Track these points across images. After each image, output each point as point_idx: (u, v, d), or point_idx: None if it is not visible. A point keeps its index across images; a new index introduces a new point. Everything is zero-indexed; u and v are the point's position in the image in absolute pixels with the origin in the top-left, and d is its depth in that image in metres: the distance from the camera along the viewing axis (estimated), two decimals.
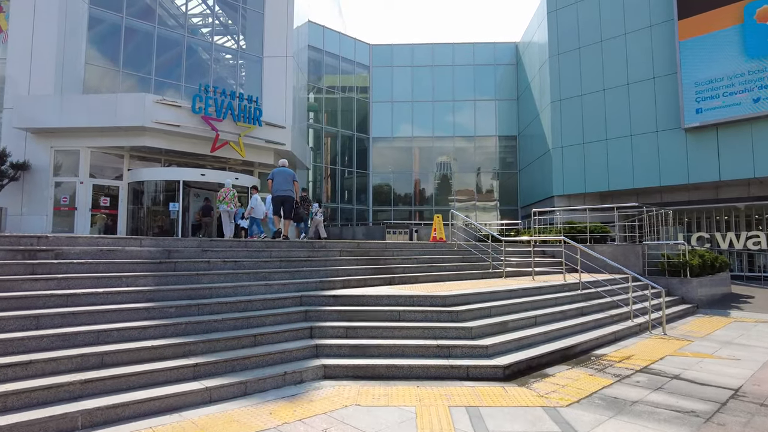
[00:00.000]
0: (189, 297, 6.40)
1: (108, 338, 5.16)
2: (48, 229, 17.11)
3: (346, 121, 30.42)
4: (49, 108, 16.64)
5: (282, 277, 7.72)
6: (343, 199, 30.29)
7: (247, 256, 8.14)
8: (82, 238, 6.80)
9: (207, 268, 7.30)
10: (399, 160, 31.35)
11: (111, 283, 6.12)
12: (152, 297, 6.11)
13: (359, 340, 6.29)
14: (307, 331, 6.40)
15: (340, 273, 8.49)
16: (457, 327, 6.59)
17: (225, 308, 6.35)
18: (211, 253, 7.78)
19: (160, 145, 17.57)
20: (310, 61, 28.10)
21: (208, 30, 22.65)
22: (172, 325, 5.59)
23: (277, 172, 10.53)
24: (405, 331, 6.53)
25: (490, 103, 31.33)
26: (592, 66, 23.79)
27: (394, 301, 7.20)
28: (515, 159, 31.32)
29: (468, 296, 7.63)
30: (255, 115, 18.87)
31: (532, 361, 6.39)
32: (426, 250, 11.24)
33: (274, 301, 6.83)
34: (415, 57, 31.36)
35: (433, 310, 6.92)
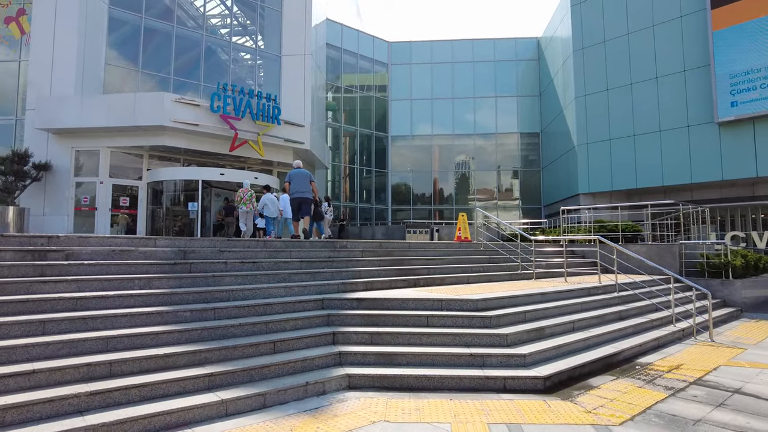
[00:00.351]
0: (205, 300, 6.02)
1: (118, 345, 4.79)
2: (69, 229, 17.06)
3: (364, 119, 30.00)
4: (70, 108, 16.57)
5: (302, 279, 7.30)
6: (362, 199, 29.88)
7: (266, 257, 7.74)
8: (94, 238, 6.48)
9: (224, 270, 6.92)
10: (418, 158, 30.80)
11: (123, 285, 5.77)
12: (166, 300, 5.74)
13: (385, 347, 5.83)
14: (329, 336, 5.96)
15: (362, 274, 8.04)
16: (491, 334, 6.07)
17: (242, 312, 5.95)
18: (228, 254, 7.41)
19: (180, 144, 17.38)
20: (329, 59, 27.77)
21: (226, 30, 22.47)
22: (186, 331, 5.20)
23: (295, 174, 10.30)
24: (434, 337, 6.04)
25: (511, 100, 30.58)
26: (618, 60, 22.92)
27: (421, 305, 6.71)
28: (538, 157, 30.51)
29: (500, 300, 7.10)
30: (273, 114, 18.56)
31: (573, 371, 5.84)
32: (451, 250, 10.72)
33: (294, 305, 6.41)
34: (435, 54, 30.77)
35: (464, 315, 6.42)
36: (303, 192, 10.02)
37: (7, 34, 19.09)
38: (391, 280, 8.01)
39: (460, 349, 5.85)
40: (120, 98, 16.80)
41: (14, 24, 19.09)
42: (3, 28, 19.12)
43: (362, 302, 6.74)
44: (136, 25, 19.59)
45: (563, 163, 26.36)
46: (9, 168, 16.21)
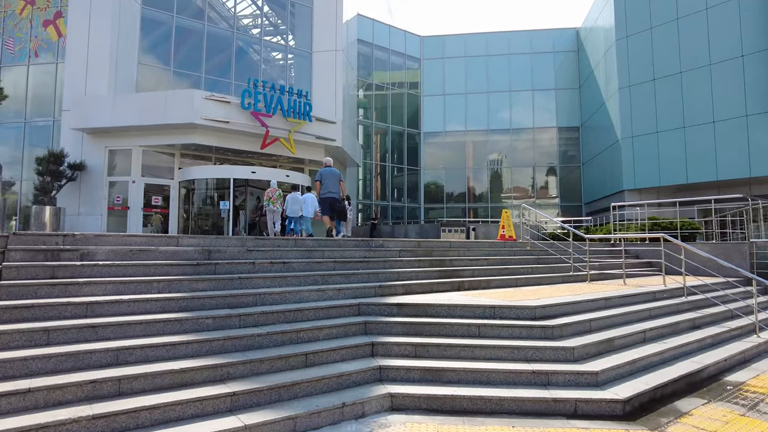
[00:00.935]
0: (229, 305, 5.37)
1: (129, 358, 4.18)
2: (103, 228, 16.96)
3: (396, 116, 29.23)
4: (103, 108, 16.45)
5: (336, 281, 6.59)
6: (394, 197, 29.12)
7: (296, 257, 7.07)
8: (112, 236, 5.95)
9: (251, 271, 6.28)
10: (451, 155, 29.80)
11: (139, 288, 5.18)
12: (186, 305, 5.12)
13: (432, 362, 5.04)
14: (367, 347, 5.21)
15: (401, 276, 7.26)
16: (554, 347, 5.20)
17: (271, 319, 5.28)
18: (256, 254, 6.77)
19: (210, 142, 17.04)
20: (360, 55, 27.15)
21: (257, 30, 22.10)
22: (206, 342, 4.55)
23: (326, 174, 10.05)
24: (488, 350, 5.21)
25: (548, 93, 29.22)
26: (666, 47, 21.38)
27: (470, 311, 5.89)
28: (578, 152, 29.04)
29: (561, 306, 6.20)
30: (305, 110, 18.01)
31: (655, 392, 4.91)
32: (495, 250, 9.83)
33: (327, 310, 5.70)
34: (468, 47, 29.71)
35: (522, 325, 5.56)
36: (333, 192, 9.85)
37: (45, 37, 19.22)
38: (432, 283, 7.21)
39: (520, 364, 5.01)
40: (151, 96, 16.58)
41: (51, 27, 19.20)
42: (41, 31, 19.26)
43: (403, 308, 5.97)
44: (168, 25, 19.42)
45: (606, 158, 24.90)
46: (45, 168, 16.22)
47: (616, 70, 23.00)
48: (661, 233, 9.21)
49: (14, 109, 19.27)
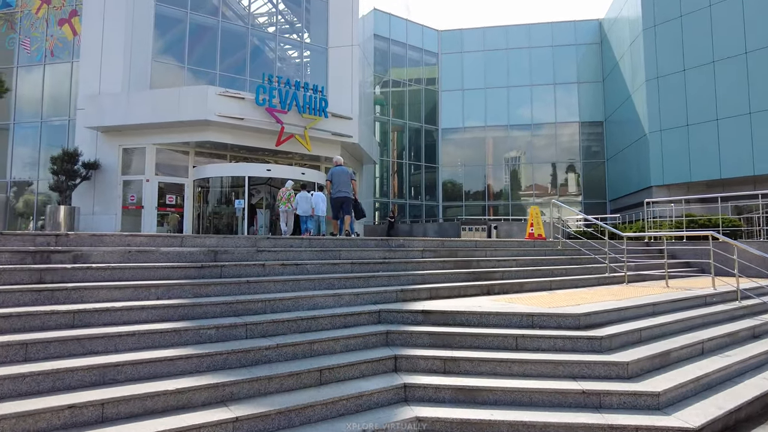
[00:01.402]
0: (235, 313, 4.79)
1: (117, 376, 3.61)
2: (117, 228, 16.65)
3: (413, 112, 28.51)
4: (116, 105, 16.13)
5: (354, 285, 5.97)
6: (411, 195, 28.42)
7: (311, 258, 6.47)
8: (110, 236, 5.42)
9: (261, 274, 5.69)
10: (470, 152, 28.97)
11: (136, 294, 4.62)
12: (187, 313, 4.55)
13: (464, 379, 4.38)
14: (389, 362, 4.58)
15: (425, 279, 6.61)
16: (604, 361, 4.49)
17: (281, 328, 4.68)
18: (267, 255, 6.19)
19: (225, 140, 16.61)
20: (376, 50, 26.51)
21: (272, 27, 21.62)
22: (208, 356, 3.97)
23: (336, 173, 9.78)
24: (528, 366, 4.52)
25: (571, 87, 28.19)
26: (697, 36, 20.27)
27: (506, 320, 5.21)
28: (601, 147, 27.95)
29: (606, 314, 5.48)
30: (320, 106, 17.46)
31: (728, 418, 4.18)
32: (525, 250, 9.09)
33: (344, 318, 5.08)
34: (488, 41, 28.82)
35: (565, 336, 4.86)
36: (344, 191, 9.55)
37: (60, 36, 19.03)
38: (459, 287, 6.54)
39: (566, 383, 4.32)
40: (164, 93, 16.21)
41: (67, 25, 19.00)
42: (57, 30, 19.07)
43: (429, 315, 5.31)
44: (182, 22, 19.04)
45: (632, 153, 23.83)
46: (60, 167, 15.96)
47: (643, 61, 21.94)
48: (709, 231, 8.38)
49: (31, 109, 19.14)
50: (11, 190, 19.21)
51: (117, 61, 17.15)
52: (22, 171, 19.02)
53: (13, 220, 19.10)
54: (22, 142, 19.27)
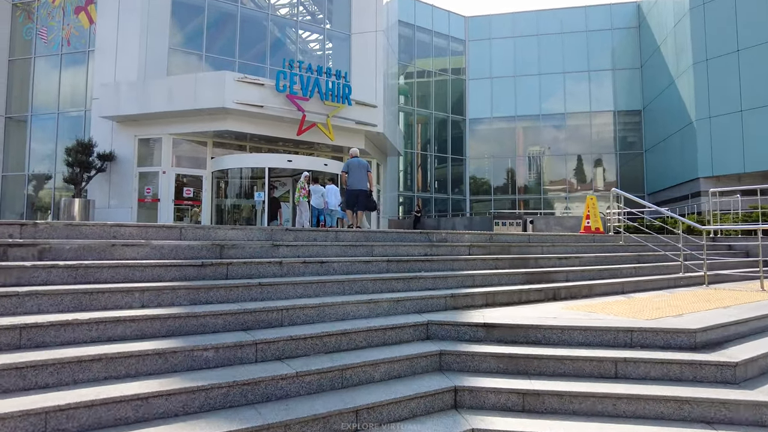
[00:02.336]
0: (243, 326, 3.62)
1: (68, 425, 2.47)
2: (132, 221, 15.83)
3: (439, 102, 27.09)
4: (131, 94, 15.25)
5: (392, 288, 4.74)
6: (437, 189, 27.04)
7: (338, 254, 5.27)
8: (90, 226, 4.32)
9: (277, 274, 4.52)
10: (499, 143, 27.39)
11: (112, 301, 3.49)
12: (179, 327, 3.40)
13: (554, 421, 3.12)
14: (447, 396, 3.35)
15: (478, 281, 5.34)
16: (748, 401, 3.16)
17: (302, 348, 3.49)
18: (285, 250, 5.01)
19: (244, 129, 15.58)
20: (401, 38, 25.19)
21: (292, 10, 20.50)
22: (201, 391, 2.80)
23: (353, 165, 9.53)
24: (639, 404, 3.23)
25: (606, 74, 26.35)
26: (754, 11, 18.34)
27: (594, 336, 3.91)
28: (639, 138, 26.07)
29: (724, 328, 4.12)
30: (344, 93, 16.27)
31: None
32: (584, 246, 7.72)
33: (384, 333, 3.87)
34: (517, 27, 27.16)
35: (682, 360, 3.54)
36: (360, 184, 9.32)
37: (77, 24, 18.25)
38: (519, 291, 5.25)
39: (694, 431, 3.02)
40: (180, 80, 15.24)
41: (83, 13, 18.20)
42: (73, 18, 18.30)
43: (493, 330, 4.05)
44: (200, 8, 18.09)
45: (675, 143, 22.00)
46: (74, 158, 15.17)
47: (689, 42, 20.09)
48: None
49: (48, 100, 18.46)
50: (31, 184, 18.58)
51: (133, 50, 16.28)
52: (41, 164, 18.37)
53: (32, 215, 18.47)
54: (39, 135, 18.62)
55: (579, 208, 26.32)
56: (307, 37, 21.22)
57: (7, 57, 18.69)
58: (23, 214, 18.27)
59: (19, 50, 18.76)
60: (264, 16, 19.53)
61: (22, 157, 18.39)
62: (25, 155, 18.38)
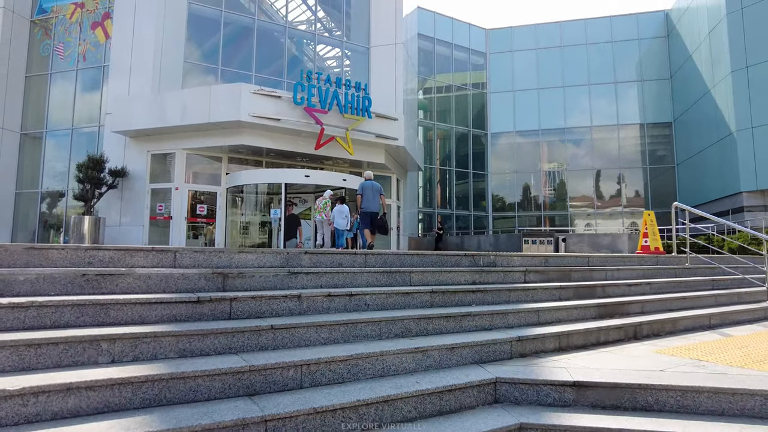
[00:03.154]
0: (249, 390, 2.60)
1: None
2: (144, 241, 15.05)
3: (460, 116, 26.14)
4: (144, 107, 14.64)
5: (441, 328, 3.68)
6: (458, 205, 25.93)
7: (370, 284, 4.25)
8: (58, 250, 3.37)
9: (295, 311, 3.51)
10: (522, 157, 26.23)
11: (69, 356, 2.51)
12: (158, 394, 2.40)
13: None
14: None
15: (542, 317, 4.25)
16: None
17: (330, 424, 2.46)
18: (304, 279, 4.00)
19: (260, 143, 14.81)
20: (420, 51, 24.47)
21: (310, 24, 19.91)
22: None
23: (367, 187, 9.91)
24: None
25: (633, 86, 25.17)
26: None
27: (731, 403, 2.78)
28: (670, 151, 24.70)
29: None
30: (363, 105, 15.45)
31: None
32: (649, 270, 6.54)
33: (439, 397, 2.82)
34: (540, 38, 26.23)
35: None
36: (374, 206, 9.77)
37: (93, 40, 17.87)
38: (594, 330, 4.14)
39: None
40: (194, 93, 14.59)
41: (99, 29, 17.84)
42: (90, 34, 17.94)
43: (586, 391, 2.95)
44: (216, 22, 17.59)
45: (712, 155, 20.64)
46: (85, 174, 14.53)
47: (727, 50, 18.90)
48: None
49: (63, 116, 18.02)
50: (44, 202, 18.04)
51: (147, 64, 15.76)
52: (54, 181, 17.84)
53: (44, 233, 17.88)
54: (54, 151, 18.15)
55: (605, 225, 24.97)
56: (325, 54, 20.59)
57: (24, 73, 18.37)
58: (35, 233, 17.70)
59: (36, 66, 18.44)
60: (281, 29, 18.98)
61: (37, 174, 17.90)
62: (38, 172, 17.89)
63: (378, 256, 4.67)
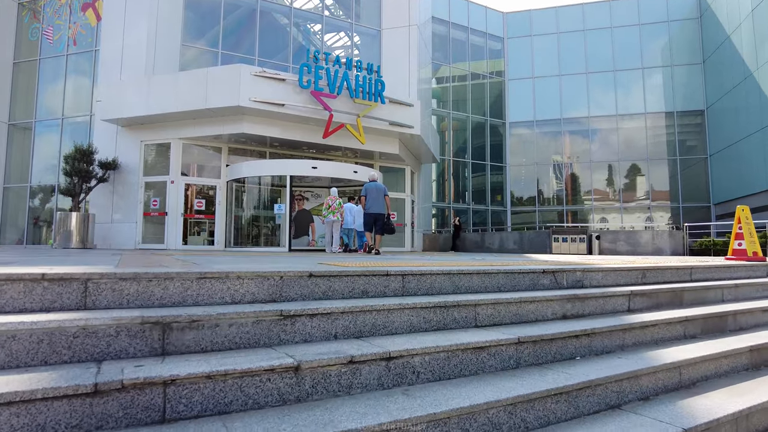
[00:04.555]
0: None
1: None
2: (138, 239, 13.57)
3: (477, 105, 24.33)
4: (135, 94, 13.09)
5: (547, 416, 2.08)
6: (475, 199, 24.18)
7: (412, 328, 2.62)
8: None
9: (290, 397, 1.89)
10: (543, 148, 24.39)
11: None
12: None
13: None
14: None
15: (684, 374, 2.63)
16: None
17: None
18: (306, 325, 2.36)
19: (262, 131, 13.23)
20: (435, 36, 22.70)
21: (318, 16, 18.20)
22: None
23: (371, 188, 9.74)
24: None
25: (662, 71, 23.20)
26: None
27: None
28: (702, 141, 22.77)
29: None
30: (376, 89, 13.80)
31: None
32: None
33: None
34: (561, 22, 24.30)
35: None
36: (378, 208, 9.54)
37: (84, 22, 16.33)
38: None
39: None
40: (189, 76, 12.99)
41: (91, 10, 16.28)
42: (80, 16, 16.39)
43: None
44: (216, 1, 16.00)
45: (752, 145, 18.75)
46: (72, 167, 13.03)
47: None
48: None
49: (53, 105, 16.54)
50: (34, 197, 16.61)
51: (140, 45, 14.21)
52: (44, 174, 16.39)
53: (38, 231, 16.49)
54: (44, 143, 16.69)
55: (630, 220, 23.14)
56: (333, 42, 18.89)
57: (11, 60, 16.89)
58: (24, 230, 16.30)
59: (25, 52, 16.94)
60: (286, 11, 17.33)
61: (26, 167, 16.46)
62: (28, 165, 16.46)
63: (420, 277, 3.05)
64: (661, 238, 13.63)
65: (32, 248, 13.55)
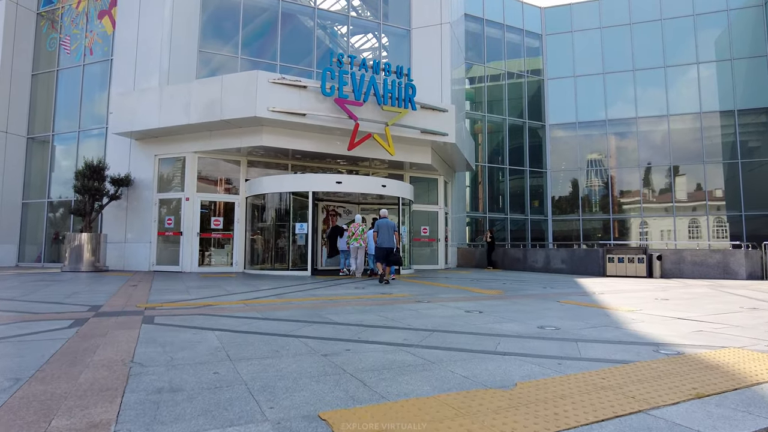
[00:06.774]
0: None
1: None
2: (152, 260, 12.57)
3: (513, 106, 22.56)
4: (148, 105, 12.11)
5: None
6: (511, 208, 22.41)
7: None
8: None
9: None
10: (586, 152, 22.37)
11: None
12: None
13: None
14: None
15: None
16: None
17: None
18: None
19: (282, 144, 12.05)
20: (468, 34, 21.08)
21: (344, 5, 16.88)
22: None
23: (382, 225, 9.83)
24: None
25: (720, 66, 20.89)
26: None
27: None
28: (765, 142, 20.39)
29: None
30: (406, 94, 12.39)
31: None
32: None
33: None
34: (605, 15, 22.25)
35: None
36: (389, 243, 9.77)
37: (100, 30, 15.51)
38: None
39: None
40: (203, 85, 11.89)
41: (107, 18, 15.44)
42: (97, 24, 15.58)
43: None
44: (235, 5, 14.91)
45: None
46: (82, 184, 12.13)
47: None
48: None
49: (70, 117, 15.77)
50: (52, 212, 15.86)
51: (154, 53, 13.27)
52: (62, 189, 15.64)
53: (56, 249, 15.71)
54: (62, 156, 15.97)
55: (683, 231, 20.92)
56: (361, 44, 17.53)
57: (30, 72, 16.23)
58: (42, 247, 15.58)
59: (43, 63, 16.27)
60: (311, 11, 16.10)
61: (44, 181, 15.77)
62: (46, 180, 15.76)
63: None
64: (734, 259, 11.70)
65: (39, 273, 12.61)
